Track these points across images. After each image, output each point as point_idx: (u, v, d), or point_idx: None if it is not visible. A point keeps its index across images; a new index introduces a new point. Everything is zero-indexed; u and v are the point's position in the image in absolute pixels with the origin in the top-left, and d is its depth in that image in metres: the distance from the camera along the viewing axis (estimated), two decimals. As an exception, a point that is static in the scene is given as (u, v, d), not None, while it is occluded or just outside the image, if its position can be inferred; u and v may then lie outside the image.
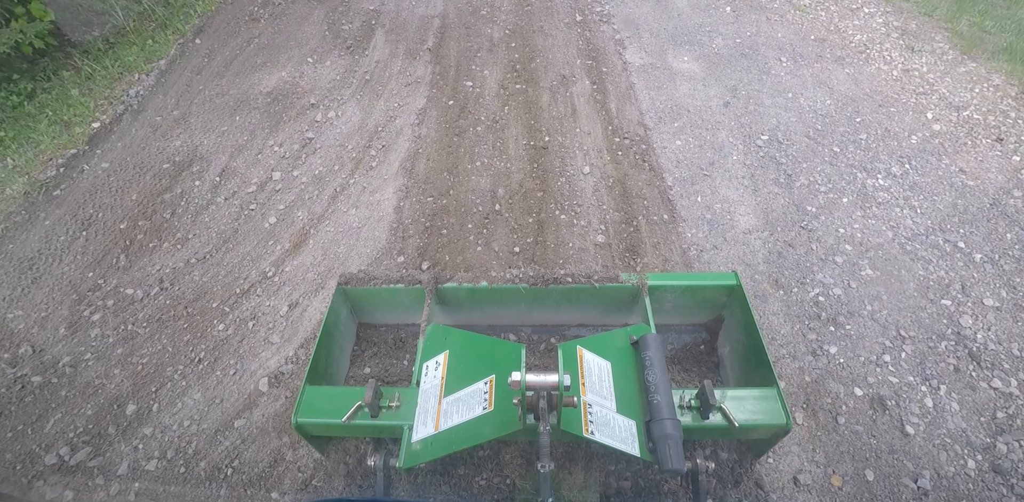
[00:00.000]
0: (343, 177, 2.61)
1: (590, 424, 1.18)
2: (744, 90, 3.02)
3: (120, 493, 1.59)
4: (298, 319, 2.01)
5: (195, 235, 2.36)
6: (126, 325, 2.03)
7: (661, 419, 1.20)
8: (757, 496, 1.51)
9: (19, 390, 1.85)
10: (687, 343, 1.83)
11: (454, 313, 1.77)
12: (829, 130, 2.75)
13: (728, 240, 2.23)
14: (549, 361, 1.78)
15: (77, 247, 2.33)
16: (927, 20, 3.62)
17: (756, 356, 1.48)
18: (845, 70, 3.15)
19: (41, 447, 1.70)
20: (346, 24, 3.80)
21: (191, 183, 2.60)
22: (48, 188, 2.61)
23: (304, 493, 1.55)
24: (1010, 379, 1.76)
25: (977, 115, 2.81)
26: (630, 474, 1.55)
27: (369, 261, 2.21)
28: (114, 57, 3.42)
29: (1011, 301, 1.98)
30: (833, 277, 2.08)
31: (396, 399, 1.36)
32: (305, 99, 3.10)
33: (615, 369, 1.37)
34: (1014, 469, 1.56)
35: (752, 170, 2.55)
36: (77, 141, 2.85)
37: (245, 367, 1.88)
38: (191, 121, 2.98)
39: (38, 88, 3.16)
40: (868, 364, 1.81)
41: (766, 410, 1.32)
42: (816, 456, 1.60)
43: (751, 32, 3.51)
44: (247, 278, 2.17)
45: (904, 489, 1.53)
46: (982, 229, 2.24)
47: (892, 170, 2.51)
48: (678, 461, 1.13)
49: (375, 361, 1.83)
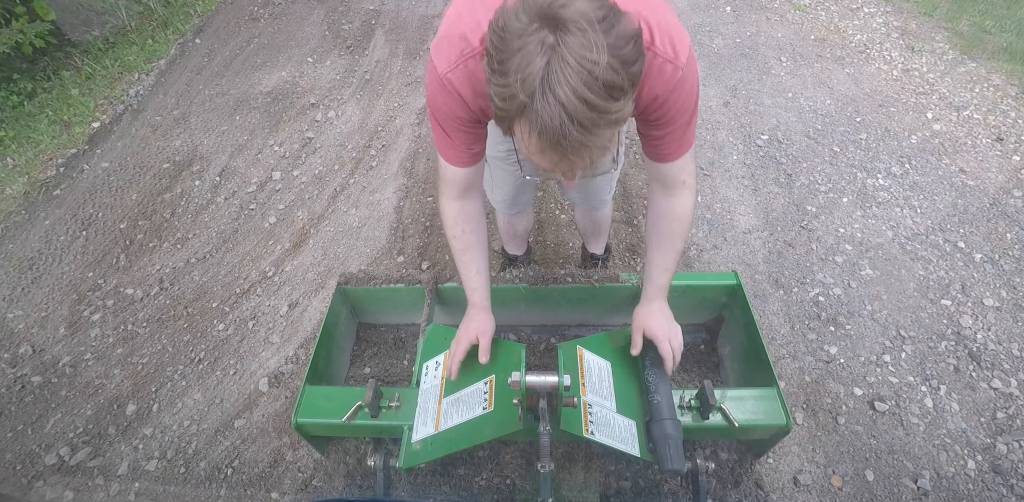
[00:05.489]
0: (343, 177, 2.61)
1: (590, 424, 1.18)
2: (744, 90, 3.02)
3: (120, 493, 1.59)
4: (298, 319, 2.01)
5: (195, 235, 2.36)
6: (126, 325, 2.03)
7: (661, 419, 1.20)
8: (757, 496, 1.51)
9: (19, 390, 1.85)
10: (687, 343, 1.81)
11: (454, 313, 1.76)
12: (829, 130, 2.75)
13: (728, 240, 2.23)
14: (549, 361, 1.78)
15: (77, 247, 2.33)
16: (927, 20, 3.61)
17: (756, 356, 1.48)
18: (845, 70, 3.15)
19: (41, 447, 1.70)
20: (346, 24, 3.80)
21: (191, 183, 2.61)
22: (48, 188, 2.61)
23: (304, 493, 1.55)
24: (1010, 379, 1.76)
25: (977, 115, 2.80)
26: (630, 474, 1.55)
27: (369, 261, 2.21)
28: (114, 57, 3.42)
29: (1011, 301, 1.98)
30: (833, 277, 2.08)
31: (396, 399, 1.36)
32: (305, 99, 3.10)
33: (615, 369, 1.37)
34: (1014, 469, 1.56)
35: (752, 170, 2.55)
36: (77, 141, 2.85)
37: (245, 367, 1.88)
38: (191, 121, 2.98)
39: (38, 88, 3.16)
40: (868, 364, 1.81)
41: (766, 410, 1.32)
42: (816, 456, 1.60)
43: (751, 32, 3.51)
44: (247, 278, 2.17)
45: (904, 489, 1.53)
46: (982, 229, 2.24)
47: (892, 170, 2.51)
48: (678, 461, 1.13)
49: (375, 361, 1.83)
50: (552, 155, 0.76)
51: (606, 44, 0.68)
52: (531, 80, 0.69)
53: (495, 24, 0.74)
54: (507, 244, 1.99)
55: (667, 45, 0.90)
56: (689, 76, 0.94)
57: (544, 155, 0.77)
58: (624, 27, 0.71)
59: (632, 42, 0.71)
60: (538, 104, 0.69)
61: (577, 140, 0.72)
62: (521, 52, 0.69)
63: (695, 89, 0.98)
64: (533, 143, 0.75)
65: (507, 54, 0.71)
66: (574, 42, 0.67)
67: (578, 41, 0.67)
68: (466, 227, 1.23)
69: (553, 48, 0.68)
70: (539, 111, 0.70)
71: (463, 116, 1.01)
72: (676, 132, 1.03)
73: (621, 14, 0.72)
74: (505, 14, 0.73)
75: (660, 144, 1.06)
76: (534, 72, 0.69)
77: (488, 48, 0.75)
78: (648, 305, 1.28)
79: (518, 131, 0.77)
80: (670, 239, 1.20)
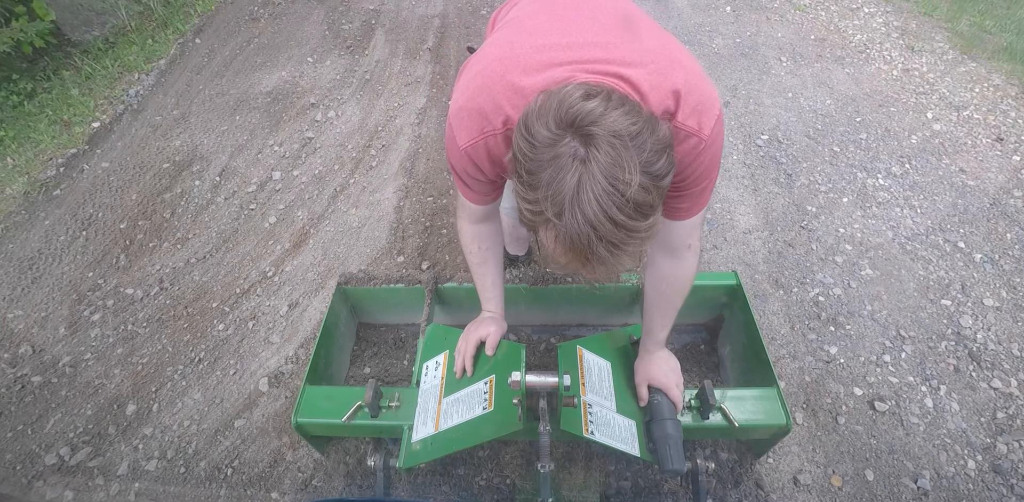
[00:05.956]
0: (343, 177, 2.61)
1: (590, 424, 1.18)
2: (744, 90, 3.02)
3: (120, 493, 1.59)
4: (298, 319, 2.01)
5: (195, 235, 2.36)
6: (126, 325, 2.03)
7: (662, 419, 1.20)
8: (757, 496, 1.51)
9: (19, 390, 1.85)
10: (687, 343, 1.83)
11: (454, 313, 1.77)
12: (829, 130, 2.75)
13: (728, 240, 2.23)
14: (549, 361, 1.78)
15: (77, 247, 2.33)
16: (927, 20, 3.61)
17: (756, 356, 1.48)
18: (845, 70, 3.15)
19: (41, 447, 1.70)
20: (346, 24, 3.80)
21: (191, 183, 2.60)
22: (48, 188, 2.61)
23: (304, 493, 1.55)
24: (1010, 379, 1.76)
25: (977, 115, 2.80)
26: (630, 474, 1.55)
27: (369, 261, 2.21)
28: (114, 57, 3.42)
29: (1011, 301, 1.98)
30: (833, 277, 2.08)
31: (396, 399, 1.36)
32: (305, 99, 3.10)
33: (615, 369, 1.37)
34: (1014, 469, 1.56)
35: (752, 170, 2.55)
36: (77, 141, 2.85)
37: (245, 367, 1.88)
38: (191, 121, 2.98)
39: (38, 87, 3.16)
40: (868, 364, 1.81)
41: (766, 410, 1.32)
42: (816, 456, 1.60)
43: (751, 32, 3.51)
44: (247, 278, 2.17)
45: (904, 489, 1.53)
46: (982, 229, 2.24)
47: (892, 170, 2.51)
48: (679, 461, 1.13)
49: (375, 361, 1.83)
50: (575, 265, 0.74)
51: (638, 162, 0.65)
52: (560, 198, 0.67)
53: (522, 128, 0.71)
54: (509, 245, 1.99)
55: (692, 118, 0.85)
56: (713, 145, 0.89)
57: (568, 264, 0.75)
58: (658, 138, 0.69)
59: (665, 155, 0.69)
60: (567, 221, 0.67)
61: (604, 257, 0.70)
62: (552, 166, 0.67)
63: (718, 154, 0.94)
64: (558, 251, 0.73)
65: (536, 165, 0.69)
66: (605, 160, 0.65)
67: (610, 159, 0.65)
68: (483, 245, 1.25)
69: (584, 162, 0.66)
70: (567, 228, 0.68)
71: (482, 178, 1.02)
72: (692, 194, 0.97)
73: (655, 124, 0.70)
74: (531, 119, 0.70)
75: (675, 202, 0.99)
76: (564, 190, 0.66)
77: (516, 153, 0.72)
78: (648, 356, 1.30)
79: (543, 235, 0.75)
80: (671, 300, 1.19)
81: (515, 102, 0.86)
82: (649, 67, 0.83)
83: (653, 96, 0.83)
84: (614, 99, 0.69)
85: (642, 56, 0.85)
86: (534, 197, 0.70)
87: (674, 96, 0.84)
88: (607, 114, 0.66)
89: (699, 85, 0.86)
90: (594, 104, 0.67)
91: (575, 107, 0.67)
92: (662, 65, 0.84)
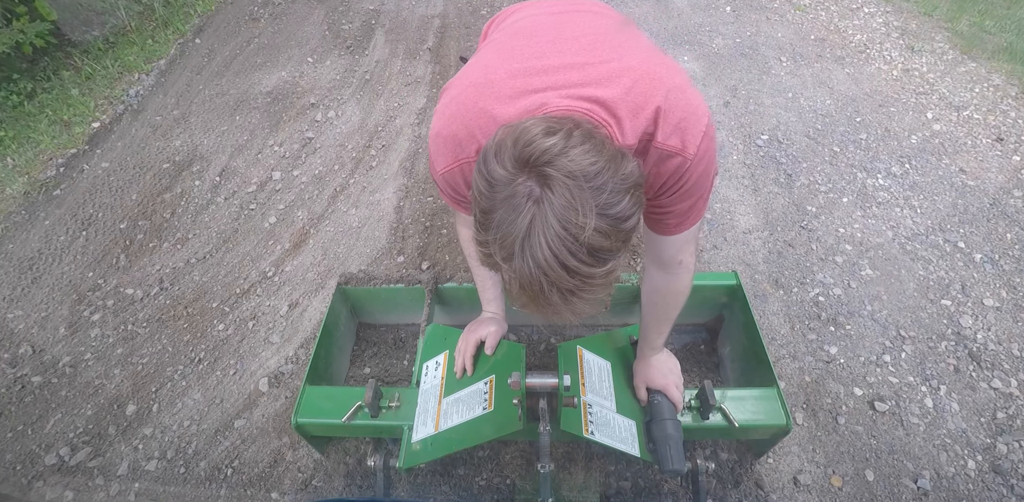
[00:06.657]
0: (343, 177, 2.61)
1: (590, 424, 1.18)
2: (744, 90, 3.02)
3: (120, 493, 1.59)
4: (298, 319, 2.01)
5: (195, 235, 2.36)
6: (126, 325, 2.03)
7: (662, 420, 1.20)
8: (757, 496, 1.51)
9: (19, 390, 1.85)
10: (687, 343, 1.83)
11: (454, 313, 1.77)
12: (829, 130, 2.75)
13: (728, 240, 2.23)
14: (549, 361, 1.78)
15: (77, 247, 2.33)
16: (927, 20, 3.61)
17: (756, 356, 1.48)
18: (845, 70, 3.15)
19: (41, 447, 1.70)
20: (346, 24, 3.80)
21: (191, 183, 2.60)
22: (48, 188, 2.61)
23: (304, 493, 1.55)
24: (1010, 379, 1.76)
25: (977, 115, 2.80)
26: (630, 474, 1.55)
27: (369, 261, 2.21)
28: (114, 57, 3.42)
29: (1011, 301, 1.98)
30: (833, 277, 2.08)
31: (396, 399, 1.36)
32: (305, 99, 3.10)
33: (615, 369, 1.37)
34: (1014, 470, 1.56)
35: (752, 170, 2.55)
36: (77, 141, 2.85)
37: (245, 367, 1.88)
38: (191, 121, 2.98)
39: (38, 88, 3.16)
40: (868, 364, 1.81)
41: (766, 410, 1.33)
42: (816, 456, 1.60)
43: (751, 32, 3.51)
44: (247, 278, 2.17)
45: (904, 489, 1.53)
46: (982, 229, 2.24)
47: (892, 170, 2.51)
48: (679, 462, 1.13)
49: (375, 361, 1.83)
50: (533, 308, 0.70)
51: (595, 205, 0.61)
52: (510, 241, 0.64)
53: (481, 165, 0.67)
54: None
55: (674, 136, 0.82)
56: (700, 163, 0.85)
57: (526, 306, 0.71)
58: (622, 177, 0.64)
59: (628, 195, 0.65)
60: (516, 265, 0.64)
61: (557, 304, 0.66)
62: (504, 206, 0.64)
63: (708, 171, 0.89)
64: (514, 292, 0.69)
65: (491, 204, 0.65)
66: (560, 202, 0.61)
67: (564, 201, 0.61)
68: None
69: (539, 203, 0.62)
70: (517, 272, 0.65)
71: (466, 197, 1.00)
72: (678, 212, 0.94)
73: (620, 162, 0.65)
74: (489, 156, 0.66)
75: (662, 217, 0.96)
76: (515, 232, 0.63)
77: (473, 191, 0.69)
78: (645, 359, 1.31)
79: (503, 275, 0.71)
80: (665, 311, 1.19)
81: (488, 131, 0.83)
82: (627, 87, 0.81)
83: (629, 120, 0.80)
84: (575, 136, 0.65)
85: (621, 75, 0.82)
86: (484, 238, 0.67)
87: (654, 115, 0.81)
88: (566, 152, 0.63)
89: (682, 100, 0.82)
90: (553, 141, 0.63)
91: (533, 144, 0.63)
92: (642, 84, 0.81)
